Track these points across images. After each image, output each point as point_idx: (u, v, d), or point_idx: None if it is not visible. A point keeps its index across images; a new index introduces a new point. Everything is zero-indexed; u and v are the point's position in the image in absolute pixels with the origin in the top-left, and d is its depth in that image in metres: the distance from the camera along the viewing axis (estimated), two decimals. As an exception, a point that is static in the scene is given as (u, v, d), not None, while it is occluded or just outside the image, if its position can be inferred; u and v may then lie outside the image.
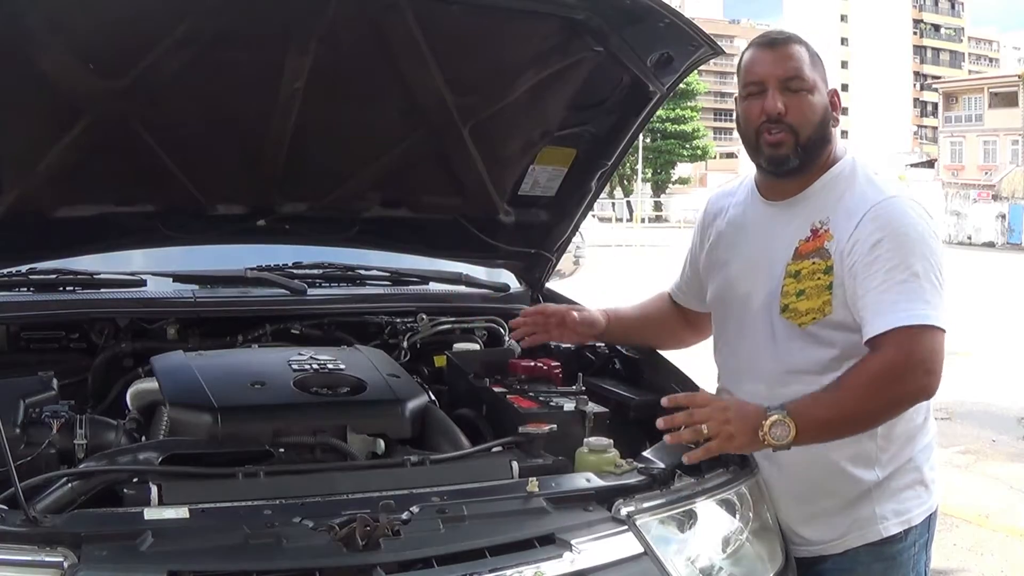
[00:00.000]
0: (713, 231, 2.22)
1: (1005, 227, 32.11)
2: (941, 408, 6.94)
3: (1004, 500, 5.39)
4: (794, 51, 1.98)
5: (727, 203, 2.21)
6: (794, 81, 1.96)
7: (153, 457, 1.77)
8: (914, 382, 1.85)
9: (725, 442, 1.83)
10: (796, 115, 1.95)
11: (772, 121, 1.96)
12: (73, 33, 1.98)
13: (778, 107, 1.95)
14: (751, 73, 2.00)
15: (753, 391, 2.04)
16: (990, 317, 12.58)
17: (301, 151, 2.38)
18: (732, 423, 1.82)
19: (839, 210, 1.97)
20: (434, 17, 2.14)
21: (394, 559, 1.52)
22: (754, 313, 2.04)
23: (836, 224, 1.96)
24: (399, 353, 2.55)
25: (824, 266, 1.95)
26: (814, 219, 1.99)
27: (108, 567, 1.43)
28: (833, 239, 1.95)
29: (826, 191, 2.01)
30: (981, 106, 49.63)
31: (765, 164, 2.03)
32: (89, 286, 2.52)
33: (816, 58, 2.00)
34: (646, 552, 1.72)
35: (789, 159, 1.98)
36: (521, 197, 2.75)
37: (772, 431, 1.80)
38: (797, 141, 1.96)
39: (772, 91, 1.96)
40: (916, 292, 1.85)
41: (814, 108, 1.97)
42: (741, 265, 2.11)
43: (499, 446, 1.98)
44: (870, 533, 2.00)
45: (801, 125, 1.96)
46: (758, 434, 1.81)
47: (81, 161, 2.24)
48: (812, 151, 1.99)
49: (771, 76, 1.96)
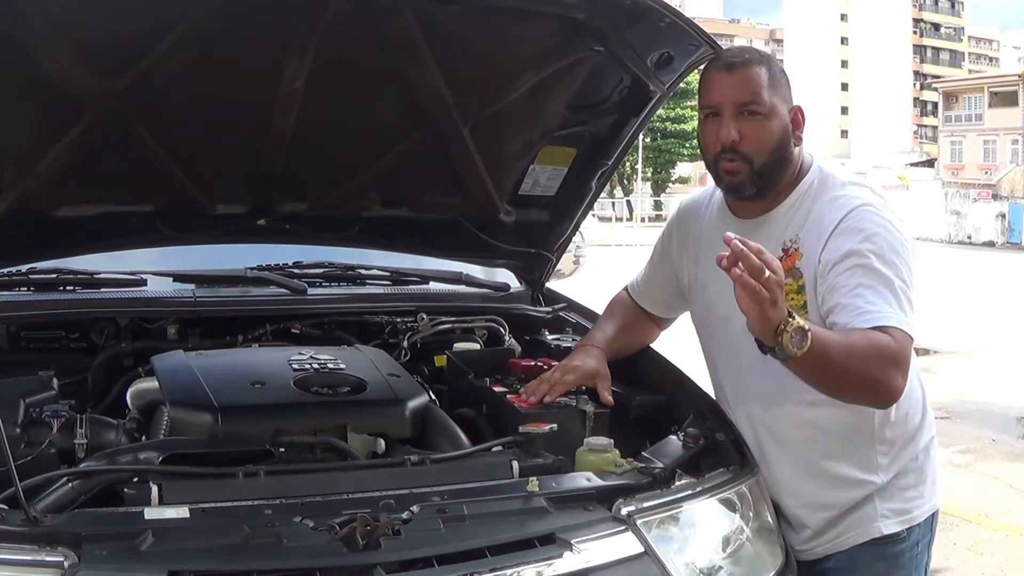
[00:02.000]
0: (690, 244, 2.20)
1: (1005, 226, 32.08)
2: (941, 408, 6.93)
3: (1004, 499, 5.39)
4: (752, 75, 1.94)
5: (702, 216, 2.19)
6: (750, 106, 1.93)
7: (153, 457, 1.77)
8: (892, 376, 1.77)
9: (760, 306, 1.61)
10: (751, 143, 1.93)
11: (727, 150, 1.94)
12: (73, 33, 1.98)
13: (732, 135, 1.93)
14: (707, 95, 1.98)
15: (749, 412, 2.05)
16: (990, 317, 12.59)
17: (301, 150, 2.38)
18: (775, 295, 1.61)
19: (808, 226, 1.95)
20: (434, 17, 2.14)
21: (395, 559, 1.52)
22: (737, 335, 1.96)
23: (806, 242, 1.94)
24: (399, 353, 2.55)
25: (796, 286, 1.93)
26: (784, 238, 1.97)
27: (108, 567, 1.43)
28: (803, 257, 1.93)
29: (794, 209, 1.99)
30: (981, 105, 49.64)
31: (724, 189, 2.03)
32: (89, 286, 2.51)
33: (778, 78, 1.97)
34: (646, 552, 1.72)
35: (745, 187, 1.97)
36: (521, 197, 2.75)
37: (794, 334, 1.64)
38: (752, 169, 1.94)
39: (727, 118, 1.94)
40: (886, 299, 1.80)
41: (771, 134, 1.94)
42: (718, 286, 2.06)
43: (499, 446, 1.98)
44: (871, 530, 2.00)
45: (756, 153, 1.94)
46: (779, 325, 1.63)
47: (81, 161, 2.24)
48: (769, 177, 1.97)
49: (727, 101, 1.94)
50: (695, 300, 2.20)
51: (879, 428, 1.99)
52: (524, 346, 2.66)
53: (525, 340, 2.69)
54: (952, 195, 34.28)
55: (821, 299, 1.89)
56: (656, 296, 2.35)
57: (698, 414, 2.08)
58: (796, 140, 1.99)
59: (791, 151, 1.98)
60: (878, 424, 1.99)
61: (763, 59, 1.99)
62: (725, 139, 1.93)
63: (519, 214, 2.79)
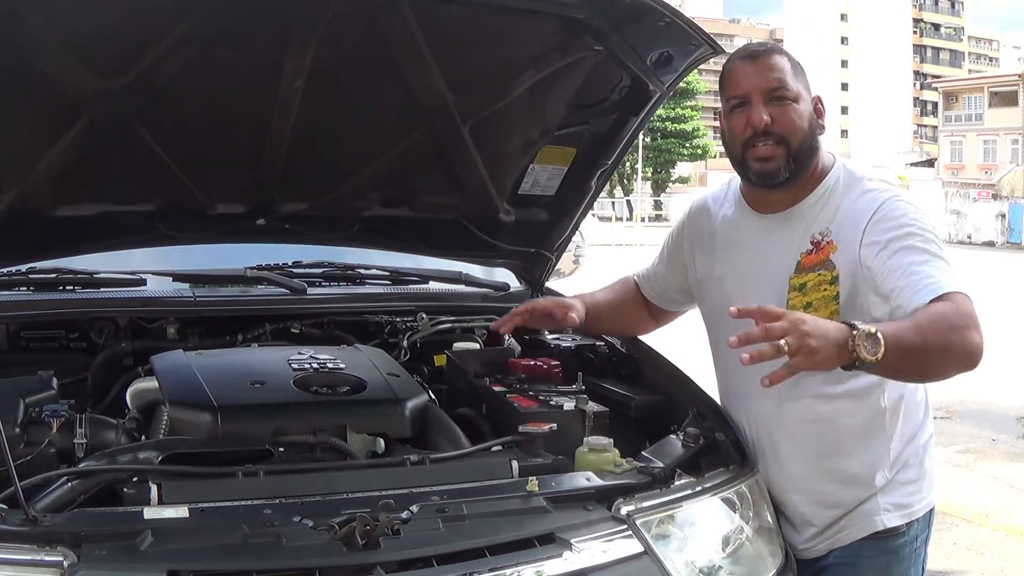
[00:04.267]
0: (704, 240, 2.20)
1: (1005, 226, 32.11)
2: (941, 408, 6.94)
3: (1004, 499, 5.39)
4: (776, 62, 1.97)
5: (716, 213, 2.19)
6: (778, 91, 1.94)
7: (153, 456, 1.77)
8: (971, 337, 1.74)
9: (808, 357, 1.61)
10: (785, 125, 1.95)
11: (760, 134, 1.95)
12: (73, 33, 1.98)
13: (764, 119, 1.94)
14: (734, 87, 1.99)
15: (762, 408, 2.04)
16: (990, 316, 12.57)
17: (301, 150, 2.38)
18: (814, 337, 1.61)
19: (839, 220, 1.96)
20: (434, 16, 2.14)
21: (394, 558, 1.52)
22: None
23: (840, 235, 1.95)
24: (399, 352, 2.55)
25: (830, 276, 1.94)
26: (813, 231, 1.98)
27: (108, 566, 1.43)
28: (838, 250, 1.94)
29: (822, 203, 1.99)
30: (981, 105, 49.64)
31: (754, 178, 2.02)
32: (89, 285, 2.51)
33: (798, 67, 1.99)
34: (646, 551, 1.72)
35: (780, 172, 1.97)
36: (521, 196, 2.75)
37: (865, 343, 1.63)
38: (788, 152, 1.95)
39: (756, 103, 1.95)
40: (942, 270, 1.82)
41: (801, 116, 1.96)
42: (737, 281, 2.08)
43: (499, 445, 1.98)
44: (872, 524, 2.00)
45: (791, 134, 1.95)
46: (846, 345, 1.63)
47: (81, 160, 2.24)
48: (802, 161, 1.98)
49: (755, 88, 1.95)
50: (708, 295, 2.19)
51: (889, 423, 2.00)
52: (524, 346, 2.66)
53: (525, 340, 2.69)
54: (952, 195, 34.30)
55: (874, 286, 1.88)
56: (659, 288, 2.35)
57: (698, 414, 2.08)
58: (820, 129, 2.01)
59: (817, 139, 2.00)
60: (888, 418, 2.00)
61: (782, 50, 2.03)
62: (758, 123, 1.94)
63: (519, 213, 2.79)
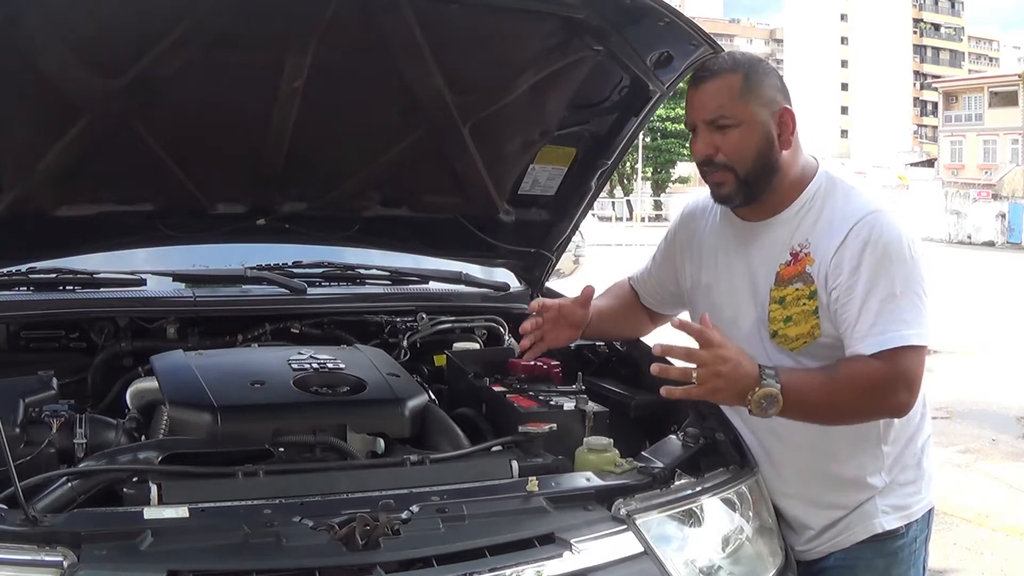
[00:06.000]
0: (693, 247, 2.20)
1: (1005, 226, 32.07)
2: (941, 408, 6.94)
3: (1004, 499, 5.39)
4: (718, 88, 1.93)
5: (705, 219, 2.18)
6: (719, 120, 1.92)
7: (153, 456, 1.77)
8: (896, 398, 1.85)
9: (707, 393, 1.78)
10: (728, 152, 1.93)
11: (706, 164, 1.96)
12: (73, 33, 1.98)
13: (704, 151, 1.95)
14: (686, 113, 2.00)
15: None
16: (990, 316, 12.59)
17: (301, 150, 2.38)
18: (723, 378, 1.75)
19: (818, 232, 1.94)
20: (434, 16, 2.13)
21: (394, 558, 1.52)
22: (744, 336, 1.99)
23: (816, 246, 1.93)
24: (399, 352, 2.55)
25: (808, 291, 1.93)
26: (793, 242, 1.97)
27: (108, 566, 1.43)
28: (815, 263, 1.93)
29: (803, 213, 1.98)
30: (981, 105, 49.66)
31: (715, 200, 2.05)
32: (89, 285, 2.51)
33: (755, 83, 1.92)
34: (646, 551, 1.72)
35: (732, 197, 1.98)
36: (521, 196, 2.75)
37: (761, 402, 1.77)
38: (738, 178, 1.94)
39: (700, 133, 1.95)
40: (895, 313, 1.83)
41: (745, 142, 1.92)
42: (724, 289, 2.09)
43: (499, 445, 1.98)
44: (871, 526, 2.00)
45: (735, 161, 1.93)
46: (745, 397, 1.77)
47: (81, 160, 2.24)
48: (755, 185, 1.96)
49: (697, 118, 1.96)
50: (698, 302, 2.19)
51: (884, 428, 2.00)
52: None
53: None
54: (952, 195, 34.27)
55: (832, 307, 1.90)
56: (654, 291, 2.35)
57: (697, 414, 2.08)
58: (784, 144, 1.95)
59: (776, 157, 1.95)
60: (883, 424, 1.99)
61: (738, 66, 1.94)
62: (698, 154, 1.96)
63: (519, 213, 2.79)
